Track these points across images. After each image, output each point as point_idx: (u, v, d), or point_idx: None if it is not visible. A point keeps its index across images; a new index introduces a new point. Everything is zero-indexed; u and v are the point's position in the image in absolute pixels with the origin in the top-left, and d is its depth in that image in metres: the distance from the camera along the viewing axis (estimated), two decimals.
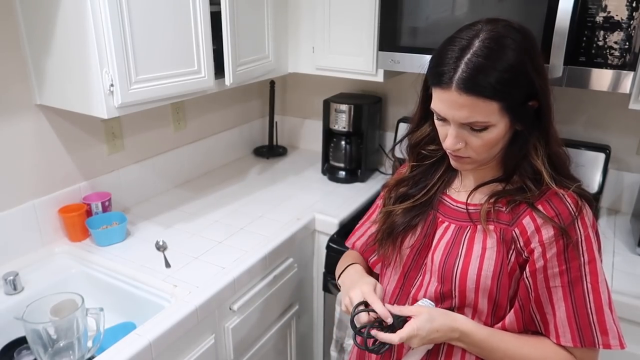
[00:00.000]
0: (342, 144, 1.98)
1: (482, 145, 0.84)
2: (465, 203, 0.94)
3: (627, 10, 1.23)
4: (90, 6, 1.14)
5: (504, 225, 0.88)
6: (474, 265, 0.88)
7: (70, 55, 1.24)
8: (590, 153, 1.63)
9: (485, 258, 0.87)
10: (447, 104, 0.81)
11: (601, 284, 0.84)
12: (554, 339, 0.85)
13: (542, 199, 0.86)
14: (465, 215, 0.93)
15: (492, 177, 0.93)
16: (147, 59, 1.27)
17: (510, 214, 0.88)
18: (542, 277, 0.84)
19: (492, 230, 0.88)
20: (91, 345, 1.17)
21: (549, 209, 0.85)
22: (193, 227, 1.60)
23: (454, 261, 0.90)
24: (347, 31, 1.68)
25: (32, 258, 1.42)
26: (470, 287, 0.88)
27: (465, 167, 0.91)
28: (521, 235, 0.86)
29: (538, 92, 0.81)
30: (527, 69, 0.79)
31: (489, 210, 0.89)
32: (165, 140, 1.86)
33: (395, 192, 1.03)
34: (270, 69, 1.74)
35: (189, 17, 1.36)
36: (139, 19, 1.22)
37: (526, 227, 0.85)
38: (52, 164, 1.47)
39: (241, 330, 1.40)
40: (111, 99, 1.23)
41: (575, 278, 0.83)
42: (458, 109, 0.80)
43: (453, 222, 0.94)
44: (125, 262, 1.40)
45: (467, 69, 0.77)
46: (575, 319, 0.83)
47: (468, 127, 0.82)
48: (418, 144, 0.99)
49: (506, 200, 0.89)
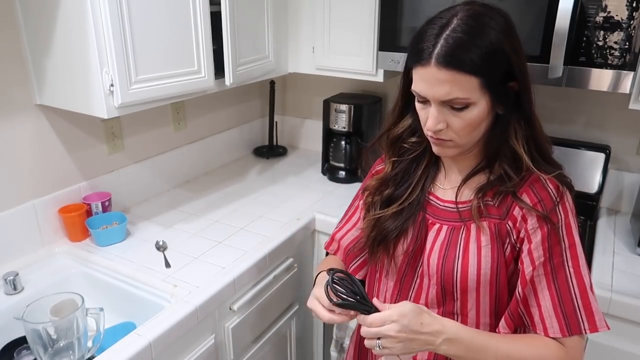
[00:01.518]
0: (342, 144, 1.98)
1: (463, 126, 0.82)
2: (453, 202, 0.93)
3: (627, 10, 1.23)
4: (90, 6, 1.15)
5: (496, 219, 0.87)
6: (473, 265, 0.87)
7: (71, 55, 1.24)
8: (590, 153, 1.63)
9: (482, 256, 0.87)
10: (428, 81, 0.80)
11: (582, 268, 0.84)
12: (541, 333, 0.84)
13: (524, 186, 0.86)
14: (455, 214, 0.92)
15: (475, 166, 0.92)
16: (147, 58, 1.27)
17: (500, 207, 0.87)
18: (530, 265, 0.84)
19: (486, 226, 0.87)
20: (91, 345, 1.17)
21: (532, 195, 0.85)
22: (193, 227, 1.60)
23: (453, 263, 0.88)
24: (347, 31, 1.68)
25: (32, 258, 1.42)
26: (471, 287, 0.88)
27: (448, 152, 0.88)
28: (514, 227, 0.86)
29: (516, 72, 0.81)
30: (505, 47, 0.79)
31: (479, 206, 0.88)
32: (165, 140, 1.86)
33: (379, 196, 0.99)
34: (270, 69, 1.74)
35: (189, 17, 1.36)
36: (139, 19, 1.22)
37: (517, 218, 0.85)
38: (52, 164, 1.47)
39: (241, 330, 1.40)
40: (111, 99, 1.23)
41: (557, 264, 0.83)
42: (439, 86, 0.79)
43: (445, 223, 0.92)
44: (125, 262, 1.40)
45: (447, 44, 0.78)
46: (561, 307, 0.82)
47: (449, 106, 0.81)
48: (399, 138, 0.97)
49: (492, 192, 0.88)
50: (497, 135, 0.87)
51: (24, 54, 1.34)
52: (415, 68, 0.82)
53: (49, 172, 1.46)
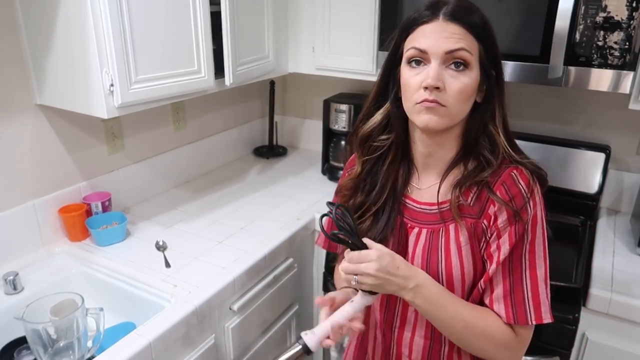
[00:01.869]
0: (342, 144, 1.98)
1: (459, 89, 0.82)
2: (430, 204, 0.93)
3: (627, 10, 1.23)
4: (90, 6, 1.15)
5: (472, 219, 0.88)
6: (456, 265, 0.88)
7: (71, 55, 1.24)
8: (590, 153, 1.63)
9: (464, 255, 0.88)
10: (434, 34, 0.82)
11: (538, 260, 0.85)
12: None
13: (497, 183, 0.86)
14: (433, 216, 0.92)
15: (451, 157, 0.91)
16: (147, 58, 1.27)
17: (474, 207, 0.88)
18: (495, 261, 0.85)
19: (464, 225, 0.88)
20: (91, 345, 1.17)
21: (504, 193, 0.86)
22: (193, 227, 1.60)
23: (437, 266, 0.89)
24: (347, 31, 1.68)
25: (32, 258, 1.42)
26: (457, 287, 0.89)
27: (438, 121, 0.84)
28: (489, 226, 0.87)
29: (498, 60, 0.86)
30: (493, 32, 0.85)
31: (459, 204, 0.88)
32: (165, 140, 1.86)
33: (353, 205, 0.97)
34: (270, 69, 1.74)
35: (189, 17, 1.36)
36: (139, 19, 1.23)
37: (491, 216, 0.86)
38: (52, 163, 1.47)
39: (241, 330, 1.41)
40: (111, 99, 1.23)
41: (516, 258, 0.85)
42: (446, 37, 0.81)
43: (424, 226, 0.92)
44: (125, 262, 1.40)
45: (456, 5, 0.83)
46: (511, 296, 0.85)
47: (451, 64, 0.82)
48: (369, 136, 0.95)
49: (469, 190, 0.88)
50: (476, 120, 0.88)
51: (24, 54, 1.34)
52: (416, 28, 0.85)
53: (49, 172, 1.46)
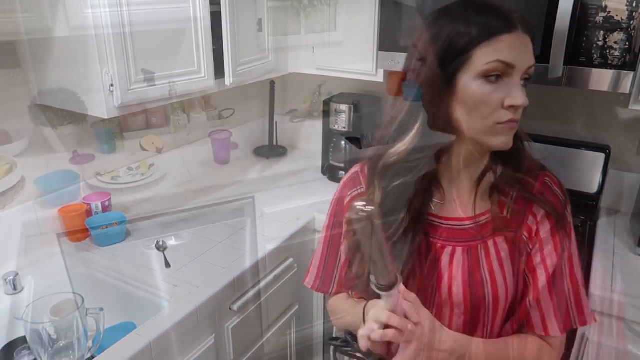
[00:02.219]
0: (342, 144, 1.98)
1: (525, 106, 0.76)
2: (459, 219, 0.85)
3: (627, 10, 1.23)
4: (91, 6, 1.15)
5: (512, 232, 0.83)
6: (501, 284, 0.82)
7: (71, 55, 1.24)
8: (590, 153, 1.62)
9: (506, 272, 0.83)
10: (518, 47, 0.74)
11: (576, 265, 0.84)
12: (541, 333, 0.83)
13: (535, 192, 0.83)
14: (468, 232, 0.84)
15: (483, 170, 0.84)
16: (146, 59, 1.27)
17: (512, 219, 0.83)
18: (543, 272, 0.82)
19: (503, 240, 0.83)
20: (91, 345, 1.17)
21: (544, 202, 0.82)
22: (193, 227, 1.60)
23: (482, 288, 0.82)
24: (347, 31, 1.68)
25: (32, 258, 1.42)
26: (501, 306, 0.84)
27: (511, 140, 0.78)
28: (529, 238, 0.83)
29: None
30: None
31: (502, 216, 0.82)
32: (165, 140, 1.85)
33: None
34: (270, 69, 1.74)
35: (189, 17, 1.36)
36: (139, 19, 1.22)
37: (531, 227, 0.83)
38: (52, 164, 1.47)
39: (241, 330, 1.40)
40: (111, 98, 1.23)
41: (560, 267, 0.83)
42: (529, 51, 0.75)
43: (458, 244, 0.84)
44: (125, 262, 1.40)
45: (519, 12, 0.75)
46: (560, 310, 0.83)
47: (523, 79, 0.76)
48: (396, 163, 0.81)
49: (502, 203, 0.83)
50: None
51: (24, 53, 1.34)
52: (493, 38, 0.73)
53: (49, 171, 1.46)
